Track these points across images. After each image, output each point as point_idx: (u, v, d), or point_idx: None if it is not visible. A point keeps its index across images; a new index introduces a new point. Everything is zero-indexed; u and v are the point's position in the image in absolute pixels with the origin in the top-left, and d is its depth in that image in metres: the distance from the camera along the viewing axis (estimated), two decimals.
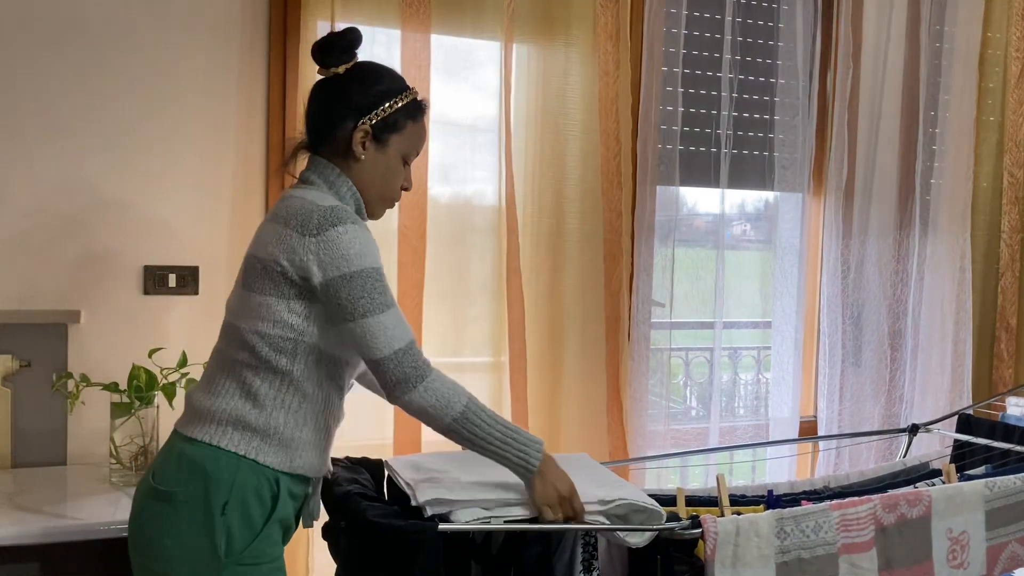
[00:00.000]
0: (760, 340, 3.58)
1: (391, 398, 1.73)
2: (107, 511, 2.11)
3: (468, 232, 2.93)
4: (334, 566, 1.97)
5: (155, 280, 2.62)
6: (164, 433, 2.41)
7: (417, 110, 1.88)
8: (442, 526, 1.71)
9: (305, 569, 2.70)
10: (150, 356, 2.41)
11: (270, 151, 2.71)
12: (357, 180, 1.84)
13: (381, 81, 1.84)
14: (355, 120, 1.80)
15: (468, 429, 1.72)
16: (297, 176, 1.88)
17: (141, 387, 2.36)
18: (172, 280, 2.63)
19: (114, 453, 2.36)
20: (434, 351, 2.84)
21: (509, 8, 2.87)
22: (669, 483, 3.16)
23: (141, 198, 2.61)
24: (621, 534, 1.85)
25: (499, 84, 2.89)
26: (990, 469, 2.73)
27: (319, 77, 1.87)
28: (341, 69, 1.83)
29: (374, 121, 1.81)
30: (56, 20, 2.51)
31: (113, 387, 2.37)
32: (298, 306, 1.73)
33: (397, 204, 2.72)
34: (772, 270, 3.39)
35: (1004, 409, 3.14)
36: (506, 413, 2.92)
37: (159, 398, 2.38)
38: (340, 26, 2.66)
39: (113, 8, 2.56)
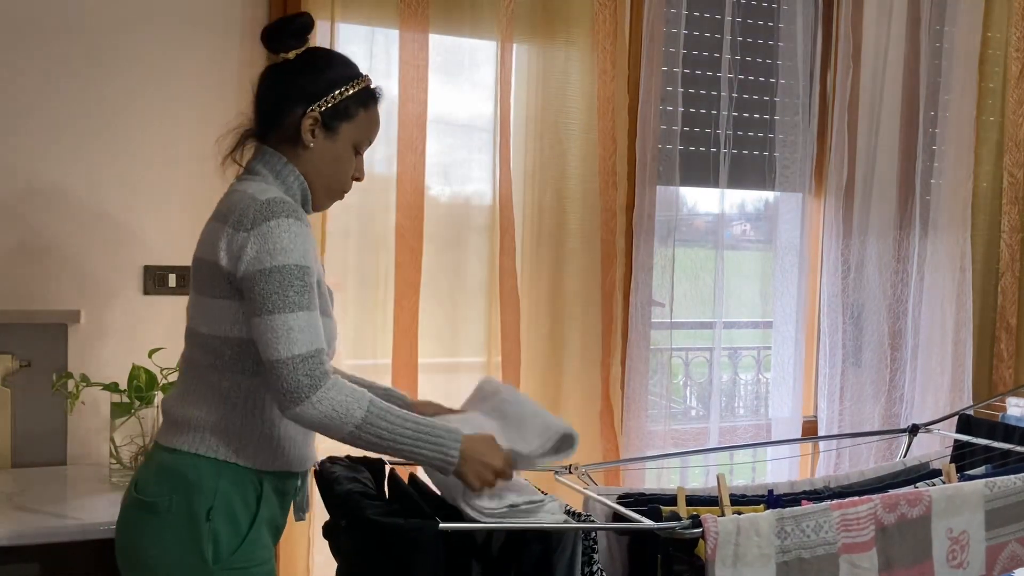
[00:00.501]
0: (760, 340, 3.58)
1: (281, 408, 1.62)
2: (107, 511, 2.10)
3: (467, 232, 2.92)
4: (334, 565, 1.97)
5: (155, 280, 2.62)
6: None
7: (370, 98, 1.83)
8: (443, 525, 1.70)
9: (305, 569, 2.70)
10: (150, 356, 2.41)
11: None
12: (305, 169, 1.78)
13: (332, 67, 1.80)
14: (304, 107, 1.75)
15: (374, 434, 1.62)
16: (242, 167, 1.83)
17: (141, 387, 2.36)
18: (172, 280, 2.63)
19: (114, 453, 2.36)
20: (430, 351, 2.85)
21: (509, 8, 2.87)
22: (669, 483, 3.16)
23: (141, 198, 2.60)
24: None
25: (496, 84, 2.89)
26: (990, 469, 2.72)
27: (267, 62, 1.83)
28: (291, 55, 1.78)
29: (324, 108, 1.76)
30: (56, 21, 2.51)
31: (113, 387, 2.37)
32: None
33: (394, 203, 2.77)
34: (772, 270, 3.39)
35: (1004, 409, 3.14)
36: None
37: (159, 398, 2.38)
38: (340, 26, 2.68)
39: (113, 8, 2.56)
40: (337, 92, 1.77)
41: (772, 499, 2.31)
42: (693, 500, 2.28)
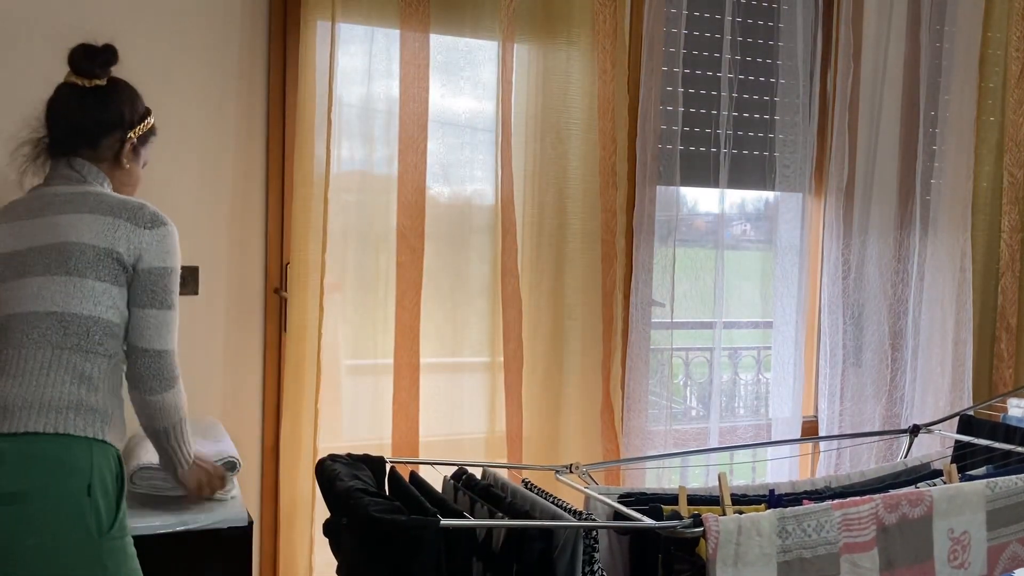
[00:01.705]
0: (760, 340, 3.58)
1: (150, 390, 1.88)
2: None
3: (467, 232, 2.92)
4: (335, 564, 1.97)
5: None
6: None
7: (154, 126, 2.12)
8: (444, 522, 1.71)
9: (307, 568, 2.70)
10: None
11: (270, 151, 2.71)
12: (116, 185, 2.00)
13: (140, 100, 2.06)
14: (123, 133, 1.99)
15: (180, 431, 1.95)
16: (54, 177, 1.96)
17: None
18: None
19: None
20: (432, 351, 2.84)
21: (509, 7, 2.87)
22: (670, 483, 3.16)
23: (141, 198, 2.60)
24: None
25: (497, 84, 2.89)
26: (991, 470, 2.72)
27: (70, 81, 1.98)
28: (103, 81, 1.99)
29: (138, 135, 2.02)
30: (56, 21, 2.51)
31: None
32: (124, 292, 1.87)
33: (395, 203, 2.78)
34: (772, 270, 3.39)
35: (1005, 410, 3.14)
36: (500, 414, 2.92)
37: None
38: (340, 26, 2.68)
39: (112, 8, 2.56)
40: (145, 122, 2.06)
41: (773, 499, 2.31)
42: (694, 499, 2.28)
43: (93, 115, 1.97)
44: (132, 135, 2.01)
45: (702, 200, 3.40)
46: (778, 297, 3.37)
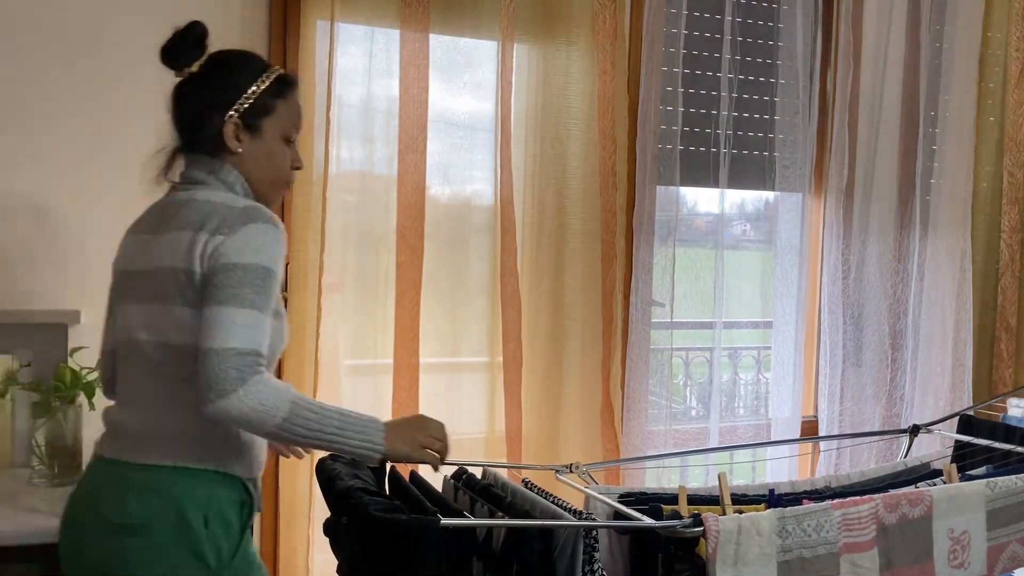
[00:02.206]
0: (760, 340, 3.58)
1: (203, 403, 1.55)
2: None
3: (467, 232, 2.92)
4: (334, 563, 1.97)
5: None
6: (89, 434, 2.36)
7: (284, 87, 1.82)
8: (444, 521, 1.70)
9: (305, 568, 2.70)
10: (71, 355, 2.39)
11: None
12: (242, 171, 1.78)
13: (238, 69, 1.80)
14: (222, 115, 1.76)
15: (301, 426, 1.60)
16: (178, 180, 1.82)
17: (63, 386, 2.31)
18: None
19: (38, 454, 2.32)
20: (431, 351, 2.84)
21: (509, 7, 2.87)
22: (670, 483, 3.16)
23: (141, 198, 2.59)
24: None
25: (497, 84, 2.89)
26: (991, 470, 2.72)
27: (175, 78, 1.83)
28: (195, 67, 1.80)
29: (241, 111, 1.77)
30: (56, 21, 2.51)
31: (35, 387, 2.34)
32: None
33: (395, 203, 2.77)
34: (772, 270, 3.39)
35: (1005, 410, 3.14)
36: (500, 414, 2.92)
37: (81, 397, 2.35)
38: (340, 26, 2.68)
39: (112, 8, 2.56)
40: (250, 91, 1.78)
41: (773, 498, 2.31)
42: (694, 499, 2.28)
43: (189, 107, 1.79)
44: (232, 113, 1.76)
45: (702, 200, 3.40)
46: (778, 297, 3.37)
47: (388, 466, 2.06)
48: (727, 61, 3.22)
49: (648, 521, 1.95)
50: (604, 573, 1.91)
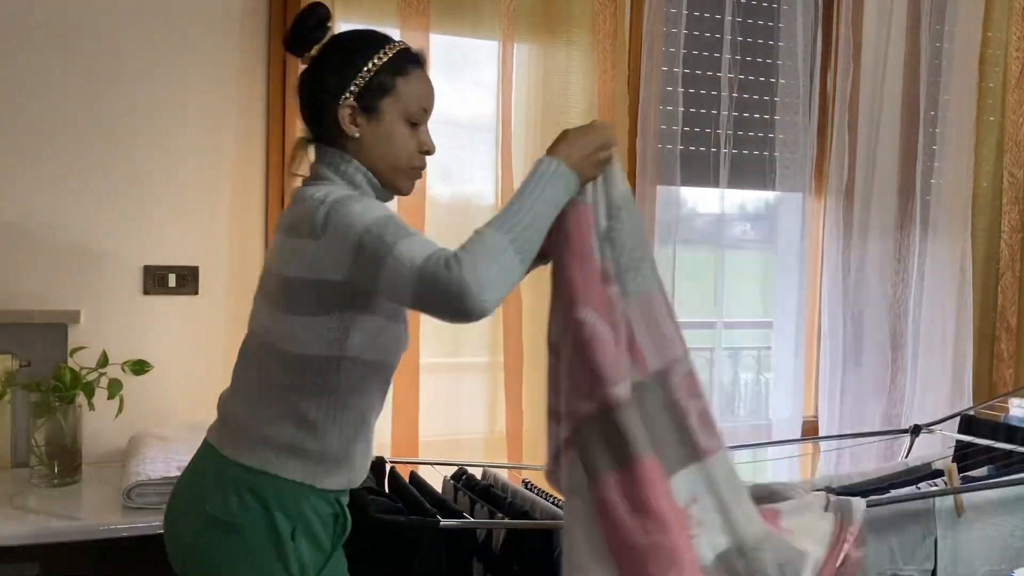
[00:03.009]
0: (761, 340, 3.58)
1: (459, 317, 1.44)
2: (109, 511, 2.11)
3: (467, 232, 2.89)
4: None
5: (155, 280, 2.61)
6: (88, 434, 2.41)
7: (405, 63, 1.68)
8: (444, 523, 1.70)
9: None
10: (71, 355, 2.39)
11: (270, 151, 2.71)
12: (364, 158, 1.66)
13: (351, 50, 1.66)
14: (337, 99, 1.64)
15: (528, 238, 1.49)
16: (308, 173, 1.72)
17: (62, 386, 2.31)
18: (172, 280, 2.63)
19: (38, 454, 2.31)
20: (432, 351, 2.84)
21: (510, 7, 2.87)
22: None
23: (141, 198, 2.60)
24: None
25: (498, 84, 2.89)
26: (992, 470, 2.72)
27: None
28: (315, 51, 1.68)
29: (356, 93, 1.64)
30: (56, 20, 2.51)
31: (34, 387, 2.34)
32: (336, 321, 1.57)
33: (396, 204, 2.76)
34: (772, 270, 3.39)
35: (1007, 410, 3.14)
36: (500, 415, 2.92)
37: (80, 398, 2.35)
38: (340, 26, 2.67)
39: (112, 8, 2.56)
40: (364, 71, 1.64)
41: None
42: None
43: (308, 94, 1.68)
44: (348, 96, 1.63)
45: (702, 200, 3.40)
46: (778, 297, 3.37)
47: (388, 467, 2.06)
48: (727, 61, 3.22)
49: None
50: None
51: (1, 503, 2.15)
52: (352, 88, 1.63)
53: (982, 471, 2.71)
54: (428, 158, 1.72)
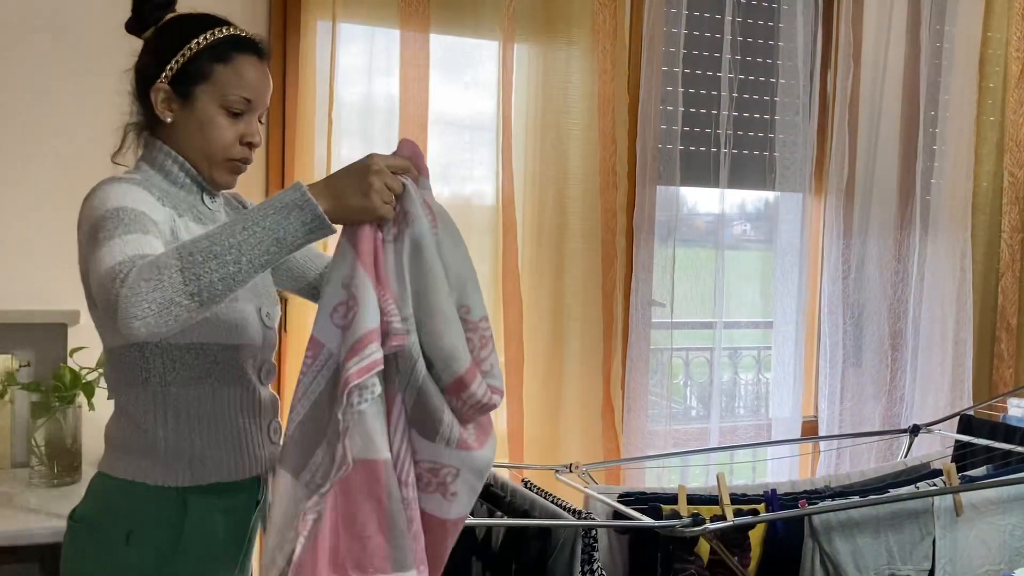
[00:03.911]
0: (761, 340, 3.58)
1: (120, 329, 1.26)
2: None
3: (467, 232, 2.90)
4: None
5: None
6: (88, 434, 2.38)
7: (230, 49, 1.56)
8: None
9: None
10: (71, 355, 2.39)
11: (269, 150, 2.71)
12: (177, 146, 1.58)
13: (172, 32, 1.58)
14: (153, 83, 1.56)
15: (213, 271, 1.27)
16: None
17: (62, 386, 2.31)
18: None
19: (38, 454, 2.31)
20: None
21: (510, 7, 2.87)
22: (670, 483, 3.16)
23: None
24: None
25: (498, 84, 2.89)
26: (991, 470, 2.72)
27: None
28: (150, 33, 1.61)
29: (170, 77, 1.55)
30: (55, 20, 2.51)
31: (34, 387, 2.34)
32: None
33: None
34: (772, 270, 3.39)
35: (1005, 410, 3.14)
36: (501, 414, 2.92)
37: (80, 398, 2.35)
38: (341, 26, 2.68)
39: (112, 7, 2.56)
40: (180, 55, 1.55)
41: (773, 498, 2.31)
42: (693, 499, 2.28)
43: (135, 75, 1.62)
44: (162, 80, 1.55)
45: (702, 200, 3.40)
46: (778, 297, 3.37)
47: None
48: (727, 61, 3.22)
49: (647, 521, 1.95)
50: (603, 573, 1.92)
51: (1, 503, 2.15)
52: (168, 71, 1.56)
53: (981, 471, 2.71)
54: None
